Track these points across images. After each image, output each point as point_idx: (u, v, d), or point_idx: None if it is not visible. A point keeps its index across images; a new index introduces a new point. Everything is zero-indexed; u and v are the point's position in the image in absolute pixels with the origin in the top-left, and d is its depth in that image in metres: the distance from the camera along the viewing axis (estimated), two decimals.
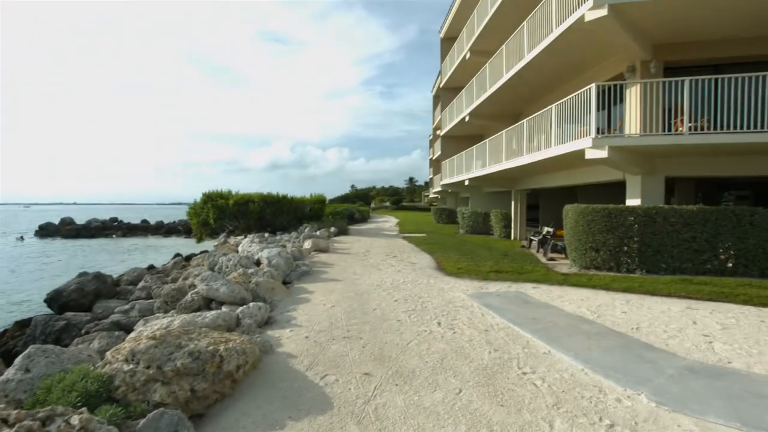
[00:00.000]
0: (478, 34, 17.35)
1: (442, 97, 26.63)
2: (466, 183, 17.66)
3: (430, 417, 2.94)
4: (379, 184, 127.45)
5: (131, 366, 3.02)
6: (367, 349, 4.25)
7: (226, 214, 18.00)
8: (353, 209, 31.33)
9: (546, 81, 12.86)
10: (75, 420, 2.27)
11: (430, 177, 42.53)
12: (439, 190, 28.77)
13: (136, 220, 50.18)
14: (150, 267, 13.39)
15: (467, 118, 18.50)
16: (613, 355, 4.03)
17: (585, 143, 8.20)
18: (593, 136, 8.01)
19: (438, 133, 28.94)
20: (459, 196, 28.33)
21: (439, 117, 28.04)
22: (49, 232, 41.30)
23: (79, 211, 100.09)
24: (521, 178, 15.18)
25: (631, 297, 6.50)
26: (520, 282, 7.65)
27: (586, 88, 8.37)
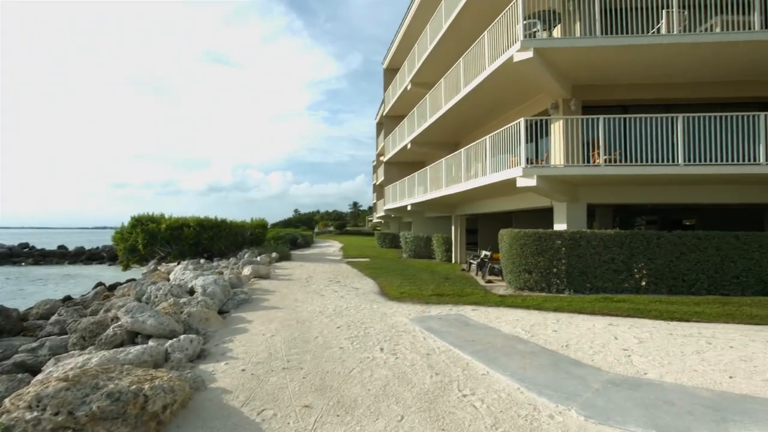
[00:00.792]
0: (418, 67, 18.23)
1: (386, 125, 27.38)
2: (409, 208, 18.09)
3: None
4: (324, 209, 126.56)
5: (35, 413, 2.67)
6: (307, 379, 4.11)
7: (158, 239, 16.85)
8: (296, 234, 30.70)
9: (482, 113, 13.72)
10: None
11: (374, 202, 43.02)
12: (383, 215, 29.15)
13: (51, 246, 45.10)
14: (66, 298, 12.03)
15: (409, 146, 19.13)
16: (546, 373, 4.24)
17: (516, 172, 8.79)
18: (523, 166, 8.62)
19: (381, 159, 29.55)
20: (402, 220, 28.86)
21: (383, 143, 28.72)
22: None
23: None
24: (461, 204, 15.84)
25: (561, 316, 6.92)
26: (461, 305, 7.87)
27: (516, 122, 9.05)
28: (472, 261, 12.91)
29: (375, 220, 45.76)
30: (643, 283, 8.72)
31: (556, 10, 10.25)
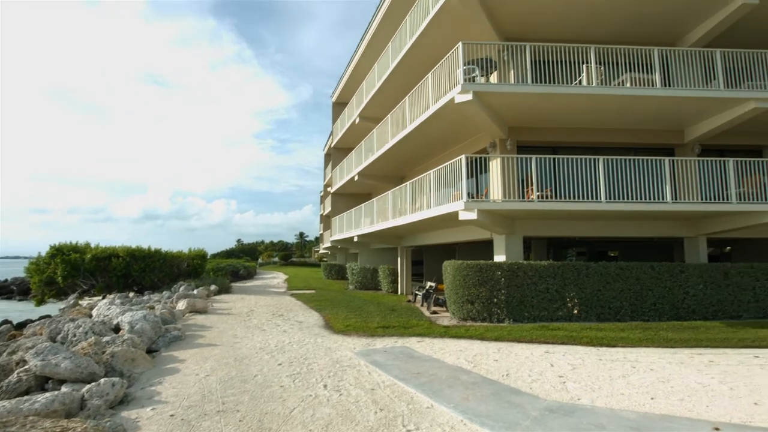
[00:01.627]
0: (366, 102, 18.78)
1: (334, 156, 27.59)
2: (355, 239, 18.08)
3: None
4: (269, 239, 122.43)
5: None
6: (244, 422, 3.87)
7: (81, 270, 15.37)
8: (239, 265, 29.40)
9: (426, 149, 14.31)
10: None
11: (321, 233, 42.53)
12: (330, 245, 28.83)
13: None
14: None
15: (356, 178, 19.36)
16: (488, 404, 4.32)
17: (458, 206, 9.18)
18: (465, 200, 9.04)
19: (329, 189, 29.55)
20: (349, 252, 28.71)
21: (330, 174, 28.81)
22: None
23: None
24: (407, 235, 16.12)
25: (502, 345, 7.15)
26: (406, 336, 7.88)
27: (458, 158, 9.54)
28: (417, 292, 13.05)
29: (321, 251, 45.09)
30: (575, 311, 9.29)
31: (492, 59, 11.14)
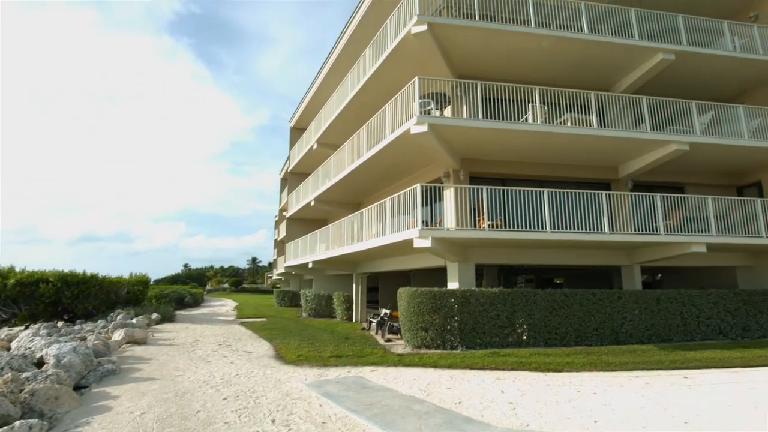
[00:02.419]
0: (325, 128, 18.92)
1: (290, 181, 27.29)
2: (310, 265, 17.76)
3: None
4: (219, 264, 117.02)
5: None
6: None
7: (1, 297, 13.86)
8: (184, 291, 27.78)
9: (383, 176, 14.55)
10: None
11: (275, 258, 41.35)
12: (283, 271, 28.07)
13: None
14: None
15: (313, 203, 19.21)
16: None
17: (413, 233, 9.34)
18: (419, 227, 9.22)
19: (284, 214, 29.03)
20: (303, 278, 28.04)
21: (286, 199, 28.40)
22: None
23: None
24: (362, 262, 16.06)
25: (455, 373, 7.19)
26: (360, 366, 7.73)
27: (414, 186, 9.78)
28: (372, 320, 12.92)
29: (275, 277, 43.70)
30: (524, 336, 9.57)
31: (446, 94, 11.71)
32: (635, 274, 11.75)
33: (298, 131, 27.25)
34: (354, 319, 16.21)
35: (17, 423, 3.99)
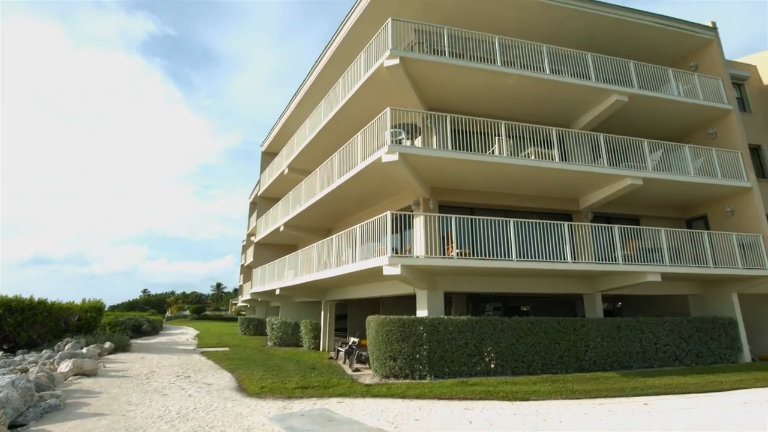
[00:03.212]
0: (296, 154, 18.93)
1: (259, 205, 26.87)
2: (278, 292, 17.30)
3: None
4: (181, 289, 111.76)
5: None
6: None
7: None
8: (142, 319, 26.29)
9: (354, 203, 14.60)
10: None
11: (240, 284, 40.04)
12: (249, 298, 27.18)
13: None
14: None
15: (282, 228, 18.93)
16: None
17: (383, 261, 9.35)
18: (389, 255, 9.25)
19: (252, 239, 28.37)
20: (270, 305, 27.20)
21: (255, 224, 27.86)
22: None
23: None
24: (331, 289, 15.82)
25: (423, 403, 7.09)
26: (326, 397, 7.50)
27: (384, 214, 9.86)
28: (340, 348, 12.63)
29: (240, 304, 42.16)
30: (492, 365, 9.61)
31: (417, 125, 12.06)
32: (597, 302, 12.15)
33: (269, 156, 27.10)
34: (321, 348, 15.79)
35: None
